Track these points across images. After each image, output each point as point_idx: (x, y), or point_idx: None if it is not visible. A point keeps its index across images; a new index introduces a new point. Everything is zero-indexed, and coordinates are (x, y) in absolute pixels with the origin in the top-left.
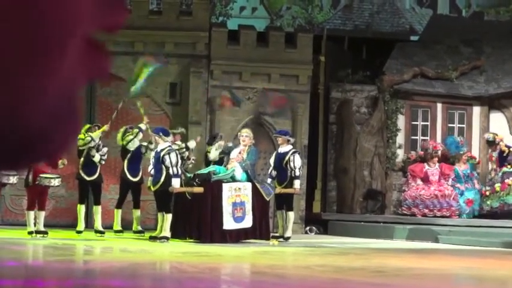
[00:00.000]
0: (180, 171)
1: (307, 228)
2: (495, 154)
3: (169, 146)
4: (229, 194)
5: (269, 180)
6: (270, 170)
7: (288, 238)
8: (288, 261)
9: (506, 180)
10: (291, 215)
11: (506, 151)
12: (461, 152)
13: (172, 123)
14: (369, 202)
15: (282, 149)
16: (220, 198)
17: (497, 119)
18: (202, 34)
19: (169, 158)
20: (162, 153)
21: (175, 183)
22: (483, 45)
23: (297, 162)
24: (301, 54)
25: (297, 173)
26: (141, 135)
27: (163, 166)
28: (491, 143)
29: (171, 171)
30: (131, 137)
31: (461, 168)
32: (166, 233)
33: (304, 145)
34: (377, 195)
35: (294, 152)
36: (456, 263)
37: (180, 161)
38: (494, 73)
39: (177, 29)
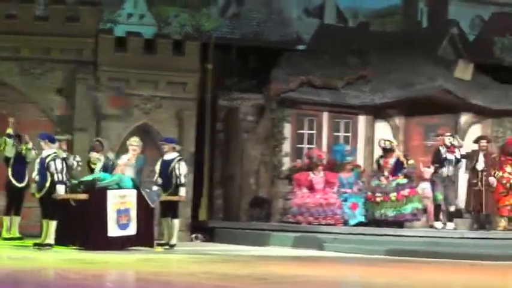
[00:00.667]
0: (65, 178)
1: (193, 235)
2: (391, 161)
3: (55, 152)
4: (114, 201)
5: (155, 188)
6: (155, 177)
7: (173, 245)
8: (172, 268)
9: (402, 192)
10: (176, 222)
11: (405, 161)
12: (347, 161)
13: (58, 130)
14: (255, 210)
15: (168, 156)
16: (105, 205)
17: (382, 128)
18: (89, 40)
19: (55, 164)
20: (47, 160)
21: (60, 189)
22: (369, 55)
23: (182, 169)
24: (189, 62)
25: (182, 180)
26: (11, 140)
27: (48, 172)
28: (388, 151)
29: (55, 178)
30: (3, 145)
31: (346, 176)
32: (50, 239)
33: (190, 152)
34: (263, 203)
35: (180, 160)
36: (340, 270)
37: (65, 168)
38: (380, 83)
39: (63, 35)
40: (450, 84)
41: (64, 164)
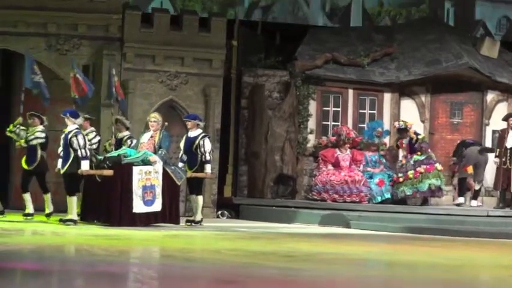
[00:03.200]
0: (88, 153)
1: (219, 212)
2: (405, 141)
3: (77, 128)
4: (139, 177)
5: (180, 165)
6: (180, 154)
7: (199, 222)
8: (197, 245)
9: (418, 168)
10: (200, 198)
11: (415, 138)
12: (373, 141)
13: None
14: (280, 187)
15: (192, 133)
16: (131, 181)
17: (408, 106)
18: (115, 16)
19: (77, 140)
20: (69, 136)
21: (85, 165)
22: (395, 32)
23: (207, 146)
24: (215, 38)
25: (207, 157)
26: (16, 133)
27: (71, 149)
28: (403, 131)
29: (79, 154)
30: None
31: (370, 154)
32: (73, 215)
33: (217, 129)
34: (288, 180)
35: (204, 136)
36: (366, 247)
37: (87, 143)
38: (405, 60)
39: (90, 11)
40: (476, 61)
41: (86, 140)
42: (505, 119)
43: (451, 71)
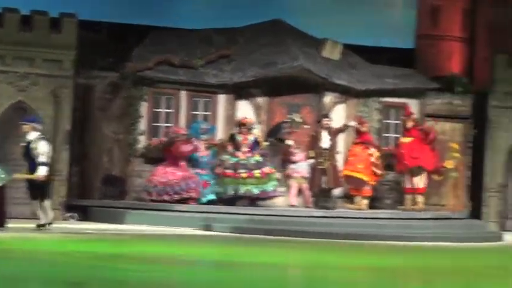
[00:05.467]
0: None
1: (68, 214)
2: (251, 138)
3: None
4: None
5: None
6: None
7: (44, 226)
8: (45, 247)
9: (264, 169)
10: (47, 202)
11: (261, 142)
12: (201, 139)
13: None
14: (108, 188)
15: (29, 136)
16: None
17: (244, 108)
18: None
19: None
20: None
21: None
22: (237, 35)
23: (41, 148)
24: (65, 39)
25: (42, 160)
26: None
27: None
28: (248, 127)
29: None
30: None
31: (201, 154)
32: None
33: (67, 130)
34: (116, 181)
35: (39, 139)
36: (195, 248)
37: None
38: (242, 62)
39: None
40: (314, 64)
41: None
42: (319, 120)
43: (285, 72)
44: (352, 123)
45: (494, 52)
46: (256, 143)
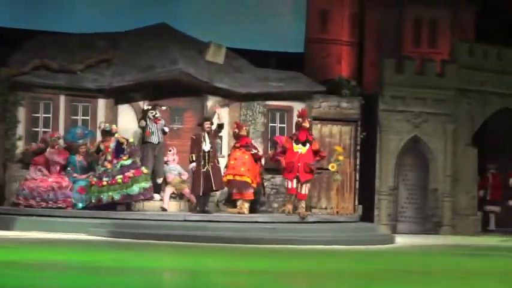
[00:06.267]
0: None
1: None
2: (112, 145)
3: None
4: None
5: None
6: None
7: None
8: None
9: (127, 173)
10: None
11: (125, 142)
12: (78, 143)
13: None
14: None
15: None
16: None
17: (126, 112)
18: None
19: None
20: None
21: None
22: (121, 39)
23: None
24: None
25: None
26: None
27: None
28: (108, 133)
29: None
30: None
31: (79, 159)
32: None
33: None
34: None
35: None
36: (70, 255)
37: None
38: (123, 66)
39: None
40: (195, 67)
41: None
42: (201, 123)
43: (164, 76)
44: (216, 117)
45: (382, 56)
46: (119, 146)
